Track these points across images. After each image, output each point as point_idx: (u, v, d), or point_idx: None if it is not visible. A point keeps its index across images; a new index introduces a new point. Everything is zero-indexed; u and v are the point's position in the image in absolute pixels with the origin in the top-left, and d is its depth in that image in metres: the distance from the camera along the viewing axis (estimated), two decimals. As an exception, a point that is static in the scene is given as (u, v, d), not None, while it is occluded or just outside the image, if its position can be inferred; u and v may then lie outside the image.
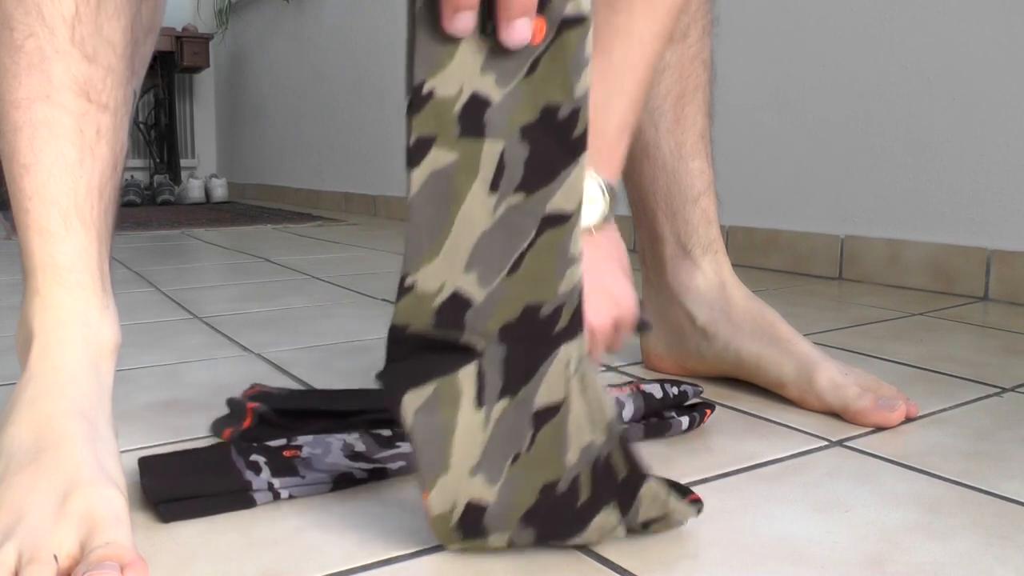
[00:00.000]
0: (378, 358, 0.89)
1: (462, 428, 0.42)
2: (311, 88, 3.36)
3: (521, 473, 0.43)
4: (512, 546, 0.44)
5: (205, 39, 3.85)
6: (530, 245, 0.42)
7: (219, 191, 3.66)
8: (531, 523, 0.43)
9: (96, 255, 0.57)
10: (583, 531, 0.44)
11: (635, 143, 0.80)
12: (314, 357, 0.90)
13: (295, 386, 0.79)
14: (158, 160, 4.08)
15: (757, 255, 1.60)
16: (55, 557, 0.41)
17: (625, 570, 0.45)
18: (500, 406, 0.42)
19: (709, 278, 0.80)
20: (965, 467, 0.59)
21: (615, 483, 0.43)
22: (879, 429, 0.66)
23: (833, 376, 0.70)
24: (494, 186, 0.41)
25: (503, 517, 0.43)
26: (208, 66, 3.92)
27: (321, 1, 3.23)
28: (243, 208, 3.30)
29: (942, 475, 0.58)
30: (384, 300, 1.25)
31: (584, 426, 0.43)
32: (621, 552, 0.46)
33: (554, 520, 0.43)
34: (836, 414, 0.69)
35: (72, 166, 0.55)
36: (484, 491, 0.42)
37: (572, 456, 0.43)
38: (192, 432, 0.66)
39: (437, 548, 0.47)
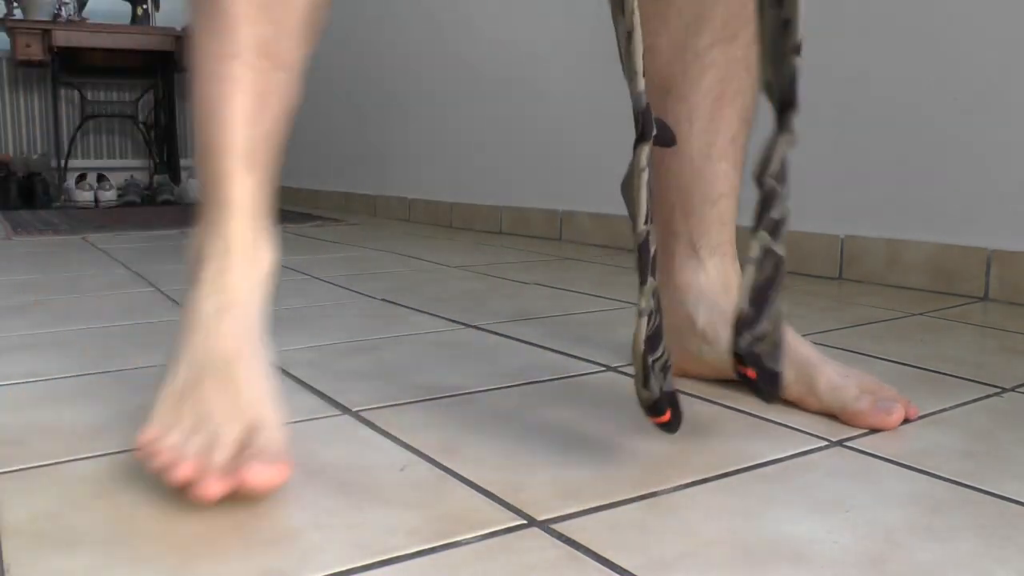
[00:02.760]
0: (378, 358, 0.89)
1: None
2: (311, 88, 3.35)
3: None
4: None
5: (205, 39, 3.84)
6: None
7: (219, 191, 3.65)
8: None
9: (261, 194, 0.69)
10: None
11: None
12: (314, 357, 0.90)
13: (293, 386, 0.79)
14: (158, 160, 4.08)
15: (757, 255, 1.59)
16: (231, 444, 0.53)
17: (625, 570, 0.45)
18: None
19: (712, 279, 0.79)
20: (965, 467, 0.59)
21: None
22: (878, 429, 0.66)
23: (831, 378, 0.70)
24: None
25: None
26: (208, 66, 3.91)
27: (321, 1, 3.23)
28: (243, 208, 3.30)
29: (942, 475, 0.58)
30: (384, 300, 1.25)
31: None
32: (621, 552, 0.46)
33: None
34: (835, 415, 0.69)
35: (249, 117, 0.65)
36: None
37: None
38: (192, 432, 0.66)
39: (437, 548, 0.47)
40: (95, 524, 0.50)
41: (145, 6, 3.94)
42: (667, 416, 0.57)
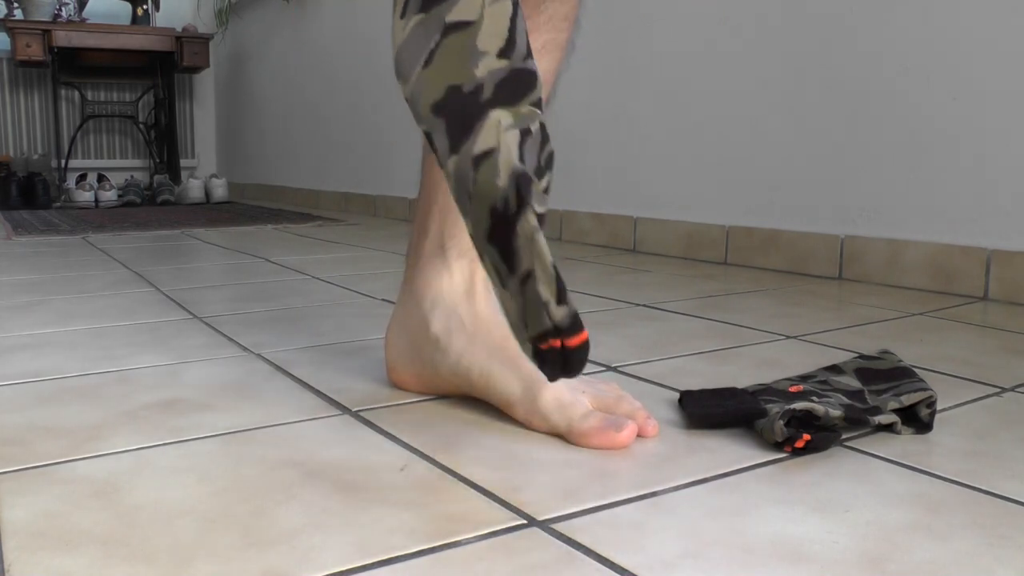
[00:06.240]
0: (378, 358, 0.88)
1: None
2: (311, 88, 3.36)
3: (428, 76, 0.52)
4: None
5: (205, 39, 3.85)
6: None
7: (219, 191, 3.66)
8: (440, 114, 0.52)
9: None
10: (483, 123, 0.50)
11: None
12: (314, 357, 0.90)
13: (293, 386, 0.79)
14: (158, 160, 4.08)
15: (757, 255, 1.60)
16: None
17: (625, 570, 0.45)
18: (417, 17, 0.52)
19: (455, 282, 0.72)
20: (965, 467, 0.59)
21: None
22: (878, 428, 0.66)
23: (559, 394, 0.65)
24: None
25: (416, 104, 0.52)
26: (208, 66, 3.92)
27: (321, 1, 3.23)
28: (243, 208, 3.31)
29: (942, 475, 0.58)
30: (384, 300, 1.25)
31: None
32: (621, 552, 0.46)
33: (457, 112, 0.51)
34: (563, 436, 0.64)
35: None
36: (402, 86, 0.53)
37: (479, 71, 0.51)
38: (192, 432, 0.66)
39: (437, 548, 0.47)
40: (95, 524, 0.50)
41: (145, 6, 3.94)
42: (584, 335, 0.50)
